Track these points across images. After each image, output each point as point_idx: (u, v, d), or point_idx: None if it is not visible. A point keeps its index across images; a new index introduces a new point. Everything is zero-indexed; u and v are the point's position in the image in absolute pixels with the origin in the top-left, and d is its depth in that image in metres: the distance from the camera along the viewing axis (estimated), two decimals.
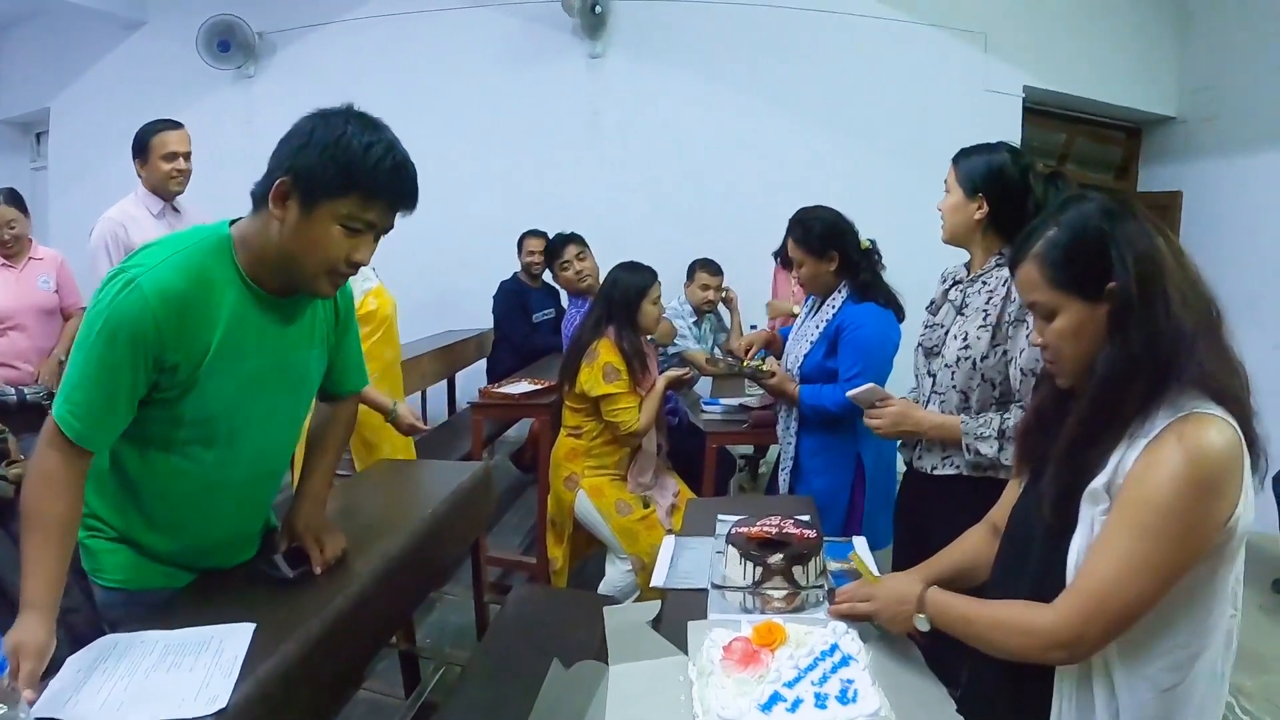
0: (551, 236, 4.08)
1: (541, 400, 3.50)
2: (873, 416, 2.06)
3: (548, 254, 4.03)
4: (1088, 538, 1.10)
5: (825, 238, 2.51)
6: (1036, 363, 1.69)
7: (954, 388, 1.94)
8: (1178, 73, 5.39)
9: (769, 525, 1.66)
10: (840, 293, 2.55)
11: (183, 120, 3.18)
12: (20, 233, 3.35)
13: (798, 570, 1.53)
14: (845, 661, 1.19)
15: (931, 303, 2.11)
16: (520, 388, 3.60)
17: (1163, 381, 1.06)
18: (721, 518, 1.92)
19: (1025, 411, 1.46)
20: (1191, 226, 5.21)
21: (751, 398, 3.43)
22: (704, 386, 4.15)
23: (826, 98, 5.27)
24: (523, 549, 3.86)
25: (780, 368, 2.67)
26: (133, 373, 1.25)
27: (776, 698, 1.11)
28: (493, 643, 1.91)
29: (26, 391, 3.21)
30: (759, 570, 1.53)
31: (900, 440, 2.15)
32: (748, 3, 5.18)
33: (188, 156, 3.13)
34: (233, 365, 1.35)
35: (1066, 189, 1.81)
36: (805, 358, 2.57)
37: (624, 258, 3.13)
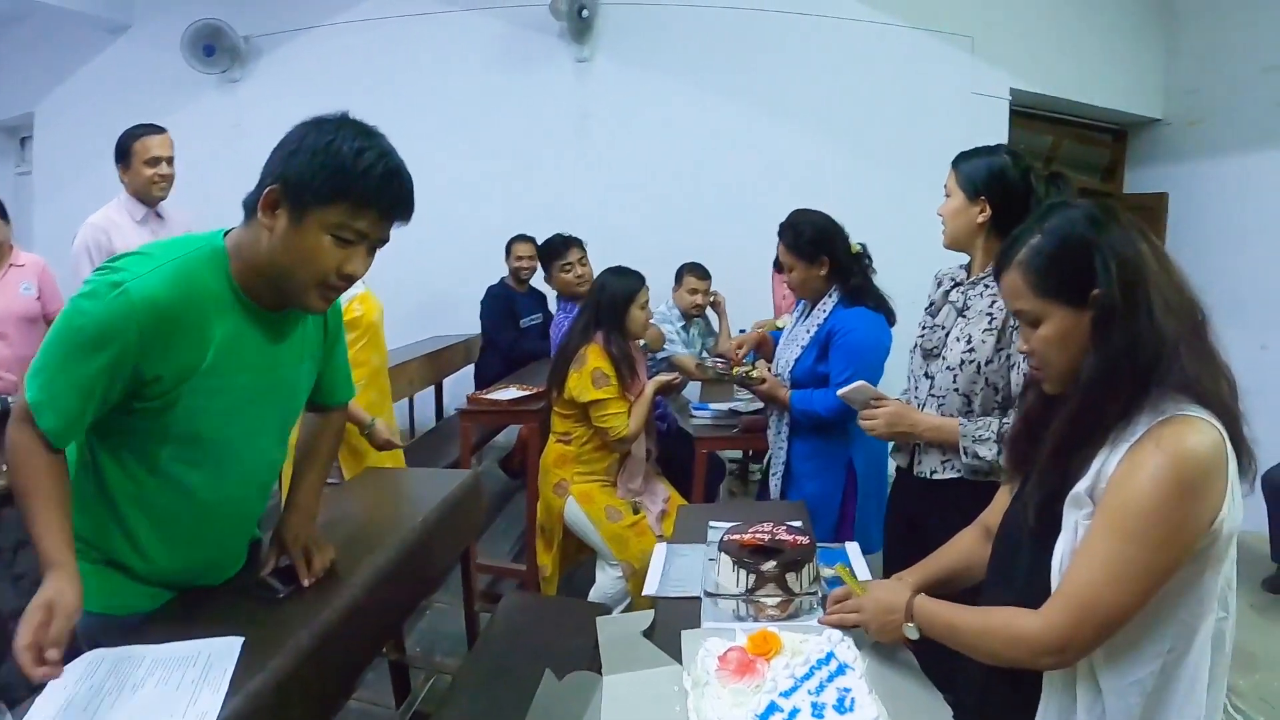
0: (551, 236, 4.03)
1: (530, 406, 3.48)
2: (867, 417, 2.04)
3: (548, 253, 3.98)
4: (1071, 542, 1.10)
5: (816, 242, 2.50)
6: None
7: (955, 390, 1.92)
8: (1164, 76, 5.43)
9: (761, 532, 1.66)
10: (831, 297, 2.54)
11: (168, 125, 3.15)
12: (1, 239, 3.31)
13: (791, 577, 1.53)
14: (841, 670, 1.19)
15: (931, 304, 2.09)
16: (509, 394, 3.58)
17: (1144, 386, 1.06)
18: (713, 524, 1.91)
19: (1014, 418, 1.46)
20: (1177, 228, 5.25)
21: (741, 402, 3.42)
22: (692, 391, 4.14)
23: (814, 101, 5.27)
24: (512, 556, 3.84)
25: (770, 372, 2.67)
26: (109, 379, 1.21)
27: (773, 708, 1.10)
28: (484, 652, 1.89)
29: (10, 400, 3.17)
30: (752, 578, 1.53)
31: (894, 445, 2.14)
32: (735, 6, 5.18)
33: (170, 161, 3.10)
34: (223, 383, 1.31)
35: (1067, 190, 1.81)
36: (796, 362, 2.56)
37: (611, 262, 3.12)
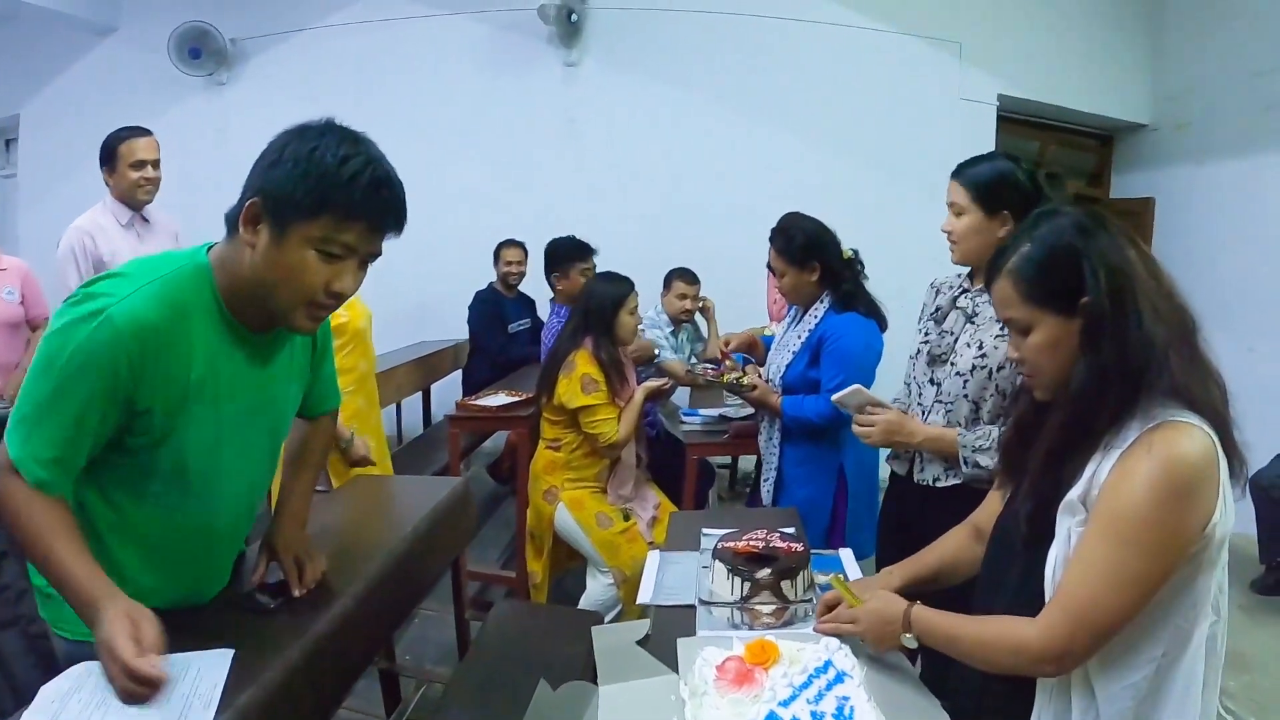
0: (563, 238, 4.00)
1: (519, 413, 3.46)
2: (862, 424, 2.02)
3: (566, 255, 3.94)
4: (1065, 549, 1.10)
5: (807, 248, 2.49)
6: None
7: (965, 397, 1.91)
8: (1150, 81, 5.47)
9: (755, 539, 1.65)
10: (822, 303, 2.54)
11: (154, 128, 3.12)
12: None
13: (785, 585, 1.52)
14: (840, 679, 1.18)
15: (937, 310, 2.06)
16: (498, 400, 3.56)
17: (1134, 393, 1.07)
18: (706, 531, 1.90)
19: (1006, 424, 1.46)
20: (1164, 233, 5.28)
21: (730, 408, 3.42)
22: (682, 397, 4.14)
23: (802, 106, 5.28)
24: (501, 563, 3.82)
25: (761, 378, 2.66)
26: (100, 417, 1.15)
27: (773, 718, 1.09)
28: (475, 661, 1.87)
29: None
30: (747, 585, 1.52)
31: (892, 452, 2.13)
32: (723, 11, 5.19)
33: (156, 164, 3.07)
34: (209, 411, 1.25)
35: (1061, 190, 1.81)
36: (788, 368, 2.55)
37: (600, 267, 3.11)
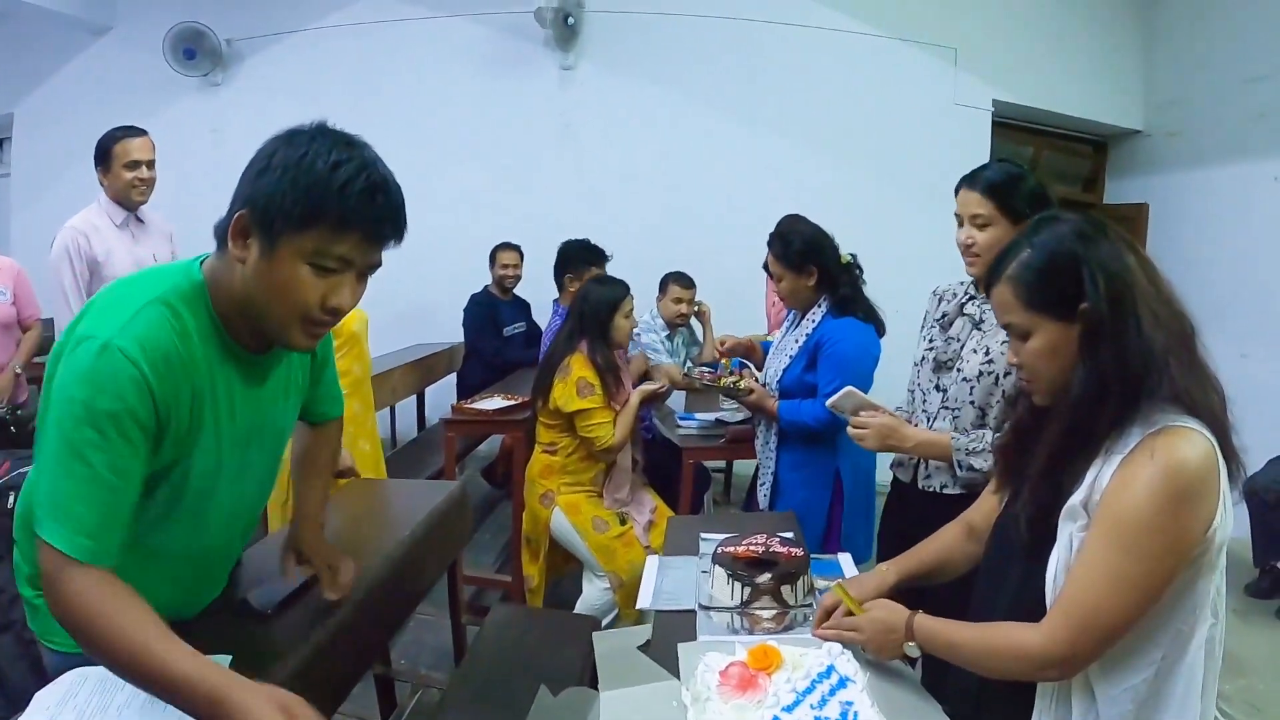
0: (581, 240, 3.98)
1: (515, 416, 3.45)
2: (858, 427, 2.01)
3: (579, 257, 3.93)
4: (1066, 555, 1.11)
5: (804, 252, 2.49)
6: None
7: (971, 402, 1.90)
8: (1144, 88, 5.49)
9: (755, 544, 1.64)
10: (820, 307, 2.53)
11: (149, 128, 3.10)
12: None
13: (786, 590, 1.52)
14: (843, 683, 1.17)
15: (943, 315, 2.05)
16: (494, 404, 3.55)
17: (1134, 399, 1.07)
18: (704, 536, 1.89)
19: (1004, 428, 1.45)
20: (1158, 238, 5.30)
21: (727, 412, 3.41)
22: (678, 402, 4.13)
23: (798, 111, 5.29)
24: (496, 567, 3.80)
25: (758, 382, 2.66)
26: (135, 457, 1.05)
27: None
28: (473, 666, 1.85)
29: None
30: (747, 590, 1.51)
31: (895, 458, 2.13)
32: (719, 16, 5.19)
33: (151, 164, 3.05)
34: (211, 436, 1.18)
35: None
36: (785, 372, 2.55)
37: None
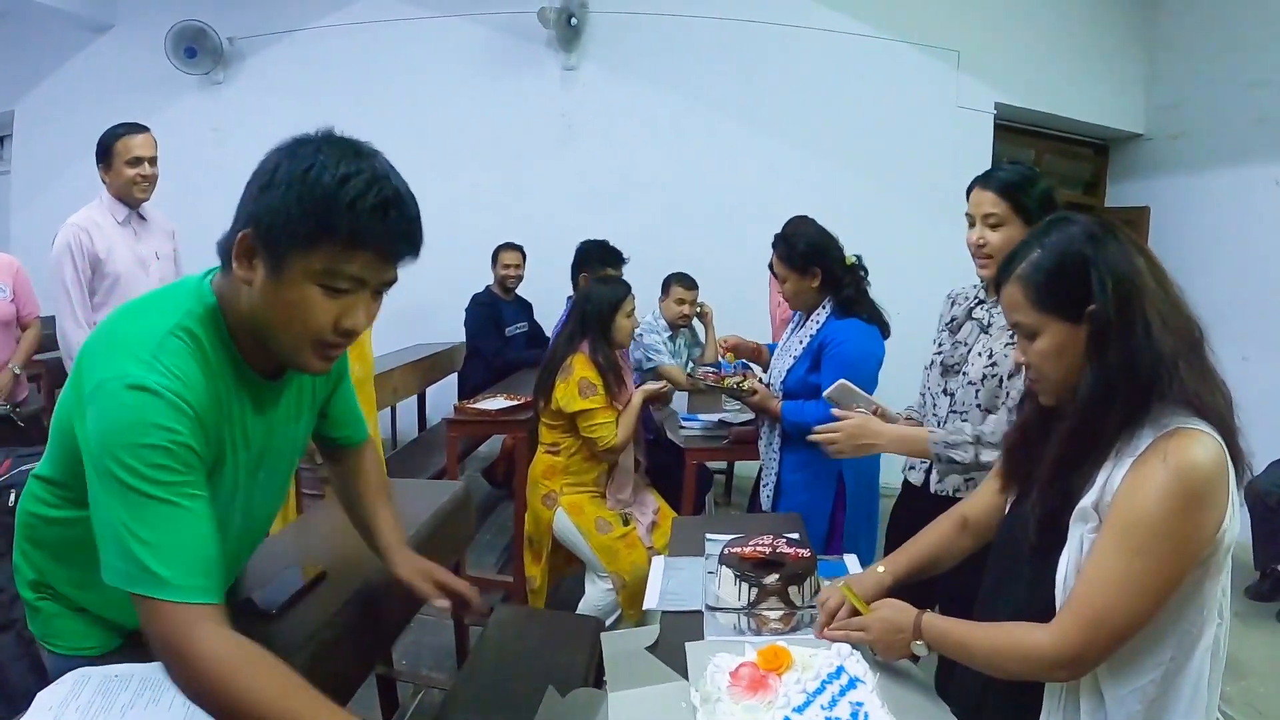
0: (601, 241, 3.98)
1: (518, 416, 3.45)
2: (826, 431, 2.00)
3: (596, 257, 3.92)
4: (1077, 556, 1.11)
5: (808, 254, 2.50)
6: None
7: (977, 406, 1.90)
8: (1145, 91, 5.50)
9: (762, 545, 1.64)
10: (824, 308, 2.54)
11: (150, 126, 3.09)
12: None
13: (793, 590, 1.52)
14: (853, 684, 1.17)
15: (952, 320, 2.06)
16: (496, 404, 3.54)
17: (1144, 402, 1.07)
18: (710, 537, 1.89)
19: (1011, 426, 1.46)
20: (1159, 241, 5.30)
21: (730, 413, 3.41)
22: (680, 403, 4.13)
23: (800, 113, 5.28)
24: (498, 567, 3.80)
25: (761, 383, 2.66)
26: (201, 486, 1.01)
27: None
28: (476, 666, 1.84)
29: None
30: (754, 591, 1.51)
31: (908, 462, 2.12)
32: (722, 17, 5.18)
33: (153, 161, 3.04)
34: (229, 465, 1.14)
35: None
36: (788, 373, 2.55)
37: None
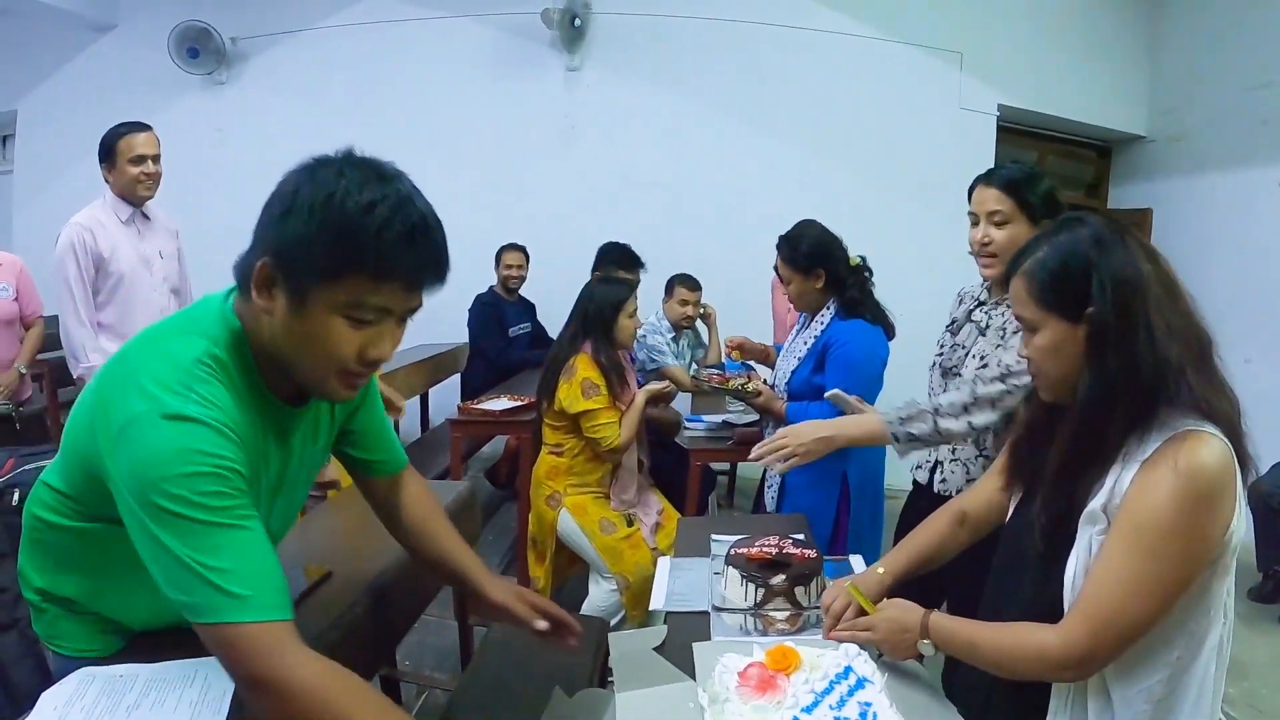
0: (623, 245, 3.98)
1: (521, 417, 3.45)
2: (769, 444, 1.93)
3: (613, 259, 3.92)
4: (1086, 558, 1.11)
5: (811, 255, 2.50)
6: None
7: None
8: (1148, 93, 5.50)
9: (768, 546, 1.64)
10: (829, 309, 2.54)
11: (153, 126, 3.08)
12: None
13: (800, 591, 1.51)
14: (861, 684, 1.16)
15: (953, 321, 2.07)
16: (500, 404, 3.55)
17: (1148, 407, 1.08)
18: (715, 538, 1.89)
19: (1017, 424, 1.46)
20: (1161, 243, 5.24)
21: (734, 414, 3.41)
22: (684, 404, 4.12)
23: (803, 114, 5.28)
24: (501, 568, 3.79)
25: (765, 384, 2.66)
26: (251, 508, 0.99)
27: None
28: (481, 667, 1.84)
29: None
30: (761, 592, 1.50)
31: (916, 462, 2.12)
32: (726, 19, 5.19)
33: (156, 159, 3.04)
34: (254, 492, 1.08)
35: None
36: (793, 374, 2.55)
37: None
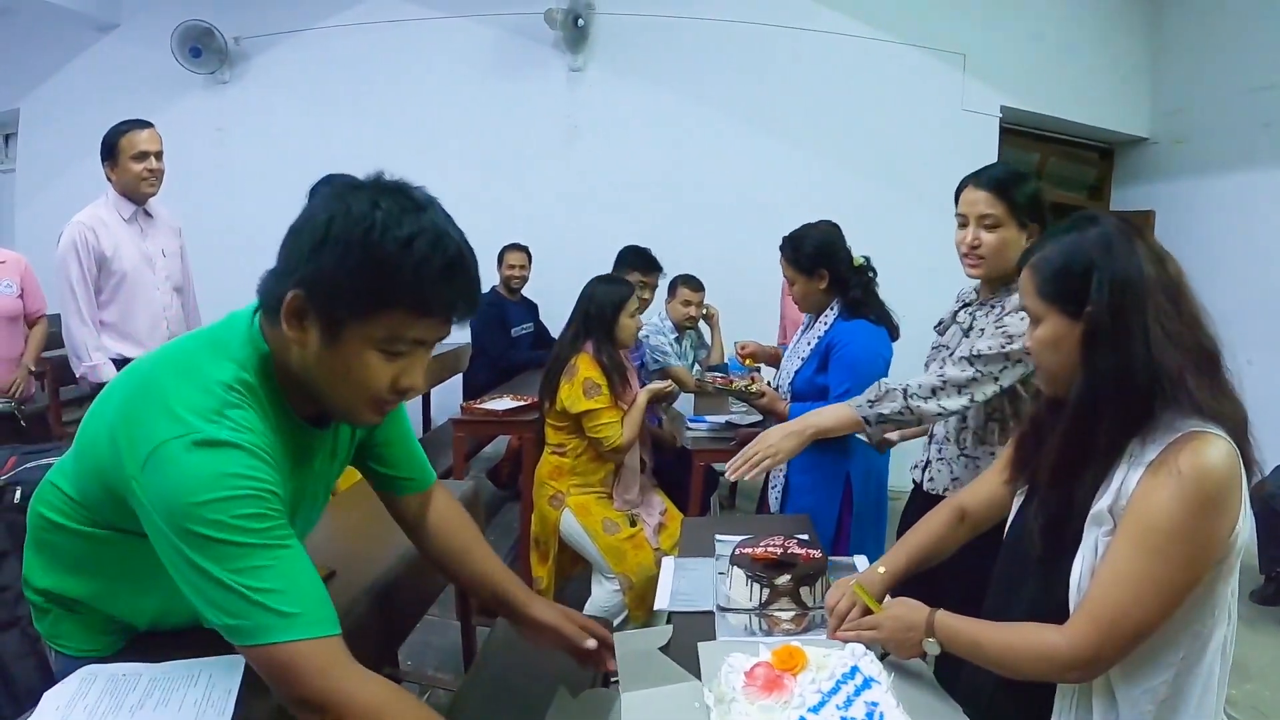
0: (642, 249, 3.99)
1: (525, 417, 3.45)
2: (740, 458, 1.89)
3: (629, 262, 3.92)
4: (1092, 559, 1.11)
5: (814, 256, 2.50)
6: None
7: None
8: (1150, 96, 5.50)
9: (773, 546, 1.64)
10: (832, 310, 2.54)
11: (155, 124, 3.09)
12: None
13: (805, 591, 1.51)
14: (867, 684, 1.15)
15: (940, 322, 2.08)
16: (503, 404, 3.54)
17: (1145, 410, 1.08)
18: (720, 538, 1.89)
19: (1023, 419, 1.47)
20: (1163, 245, 5.30)
21: (737, 414, 3.41)
22: (686, 404, 4.12)
23: (806, 115, 5.29)
24: None
25: (769, 385, 2.66)
26: (289, 528, 0.99)
27: None
28: (484, 667, 1.83)
29: None
30: (766, 592, 1.50)
31: (914, 462, 2.12)
32: (729, 20, 5.18)
33: (159, 155, 3.04)
34: None
35: None
36: (796, 374, 2.56)
37: (604, 271, 3.10)
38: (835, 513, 2.53)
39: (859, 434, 2.01)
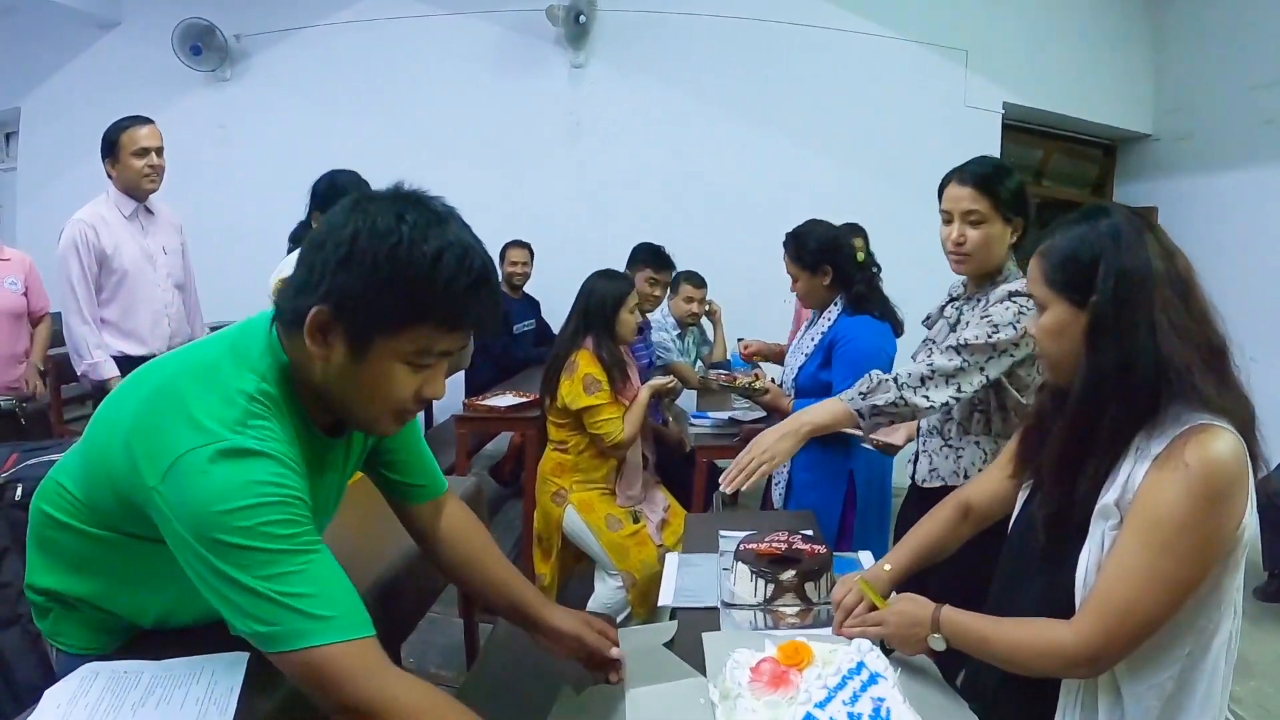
0: (656, 246, 3.99)
1: (527, 414, 3.45)
2: (734, 468, 1.83)
3: (641, 258, 3.93)
4: (1098, 553, 1.10)
5: (818, 253, 2.50)
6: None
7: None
8: (1154, 92, 5.50)
9: (777, 541, 1.64)
10: (836, 306, 2.54)
11: (156, 122, 3.08)
12: None
13: (809, 586, 1.52)
14: (874, 679, 1.15)
15: (928, 317, 2.07)
16: (506, 400, 3.54)
17: (1149, 404, 1.08)
18: (724, 533, 1.88)
19: (1029, 411, 1.46)
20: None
21: (740, 410, 3.40)
22: (689, 401, 4.12)
23: (808, 112, 5.28)
24: None
25: (772, 381, 2.66)
26: (316, 533, 0.98)
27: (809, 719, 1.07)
28: (487, 664, 1.83)
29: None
30: (770, 587, 1.50)
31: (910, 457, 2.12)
32: (731, 16, 5.18)
33: (160, 152, 3.04)
34: None
35: None
36: (800, 370, 2.55)
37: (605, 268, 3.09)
38: (839, 510, 2.53)
39: (853, 433, 1.97)
